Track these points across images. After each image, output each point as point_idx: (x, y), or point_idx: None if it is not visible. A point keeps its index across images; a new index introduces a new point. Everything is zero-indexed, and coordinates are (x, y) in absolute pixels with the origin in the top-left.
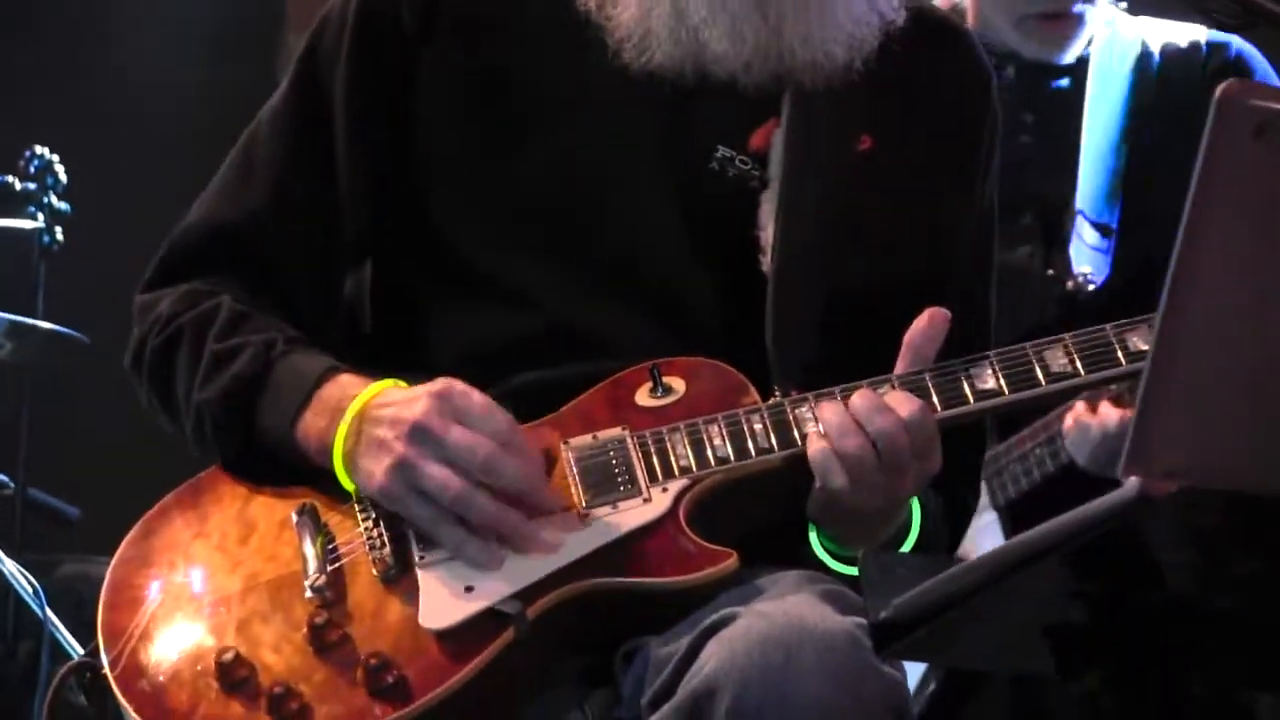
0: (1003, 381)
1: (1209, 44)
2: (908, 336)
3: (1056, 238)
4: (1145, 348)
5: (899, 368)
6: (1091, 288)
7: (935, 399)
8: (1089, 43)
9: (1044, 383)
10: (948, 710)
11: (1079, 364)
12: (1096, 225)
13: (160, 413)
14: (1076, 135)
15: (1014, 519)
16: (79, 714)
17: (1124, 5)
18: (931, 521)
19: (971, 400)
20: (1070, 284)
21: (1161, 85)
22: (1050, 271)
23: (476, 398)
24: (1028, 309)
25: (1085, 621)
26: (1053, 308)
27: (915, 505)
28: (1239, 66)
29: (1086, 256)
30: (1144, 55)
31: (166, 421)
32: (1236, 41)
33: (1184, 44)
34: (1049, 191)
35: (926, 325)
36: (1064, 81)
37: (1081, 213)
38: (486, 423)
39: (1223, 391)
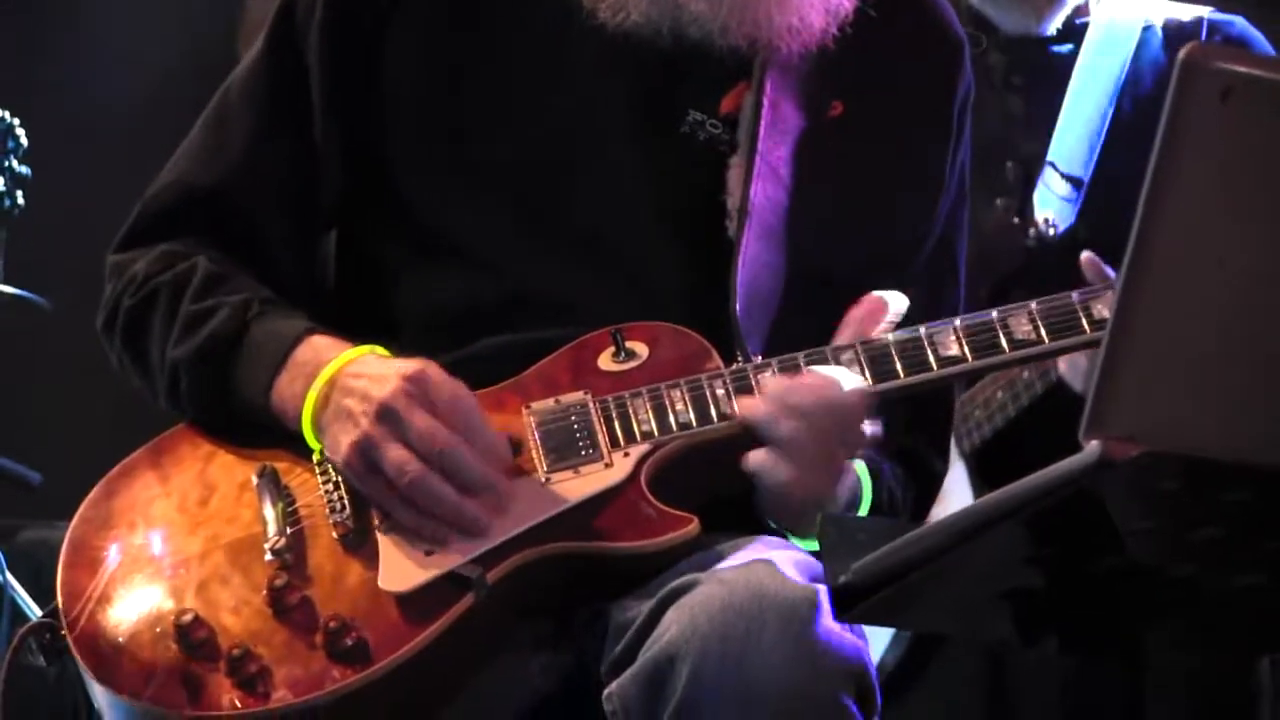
0: (966, 349)
1: (1210, 21)
2: (849, 313)
3: (1031, 192)
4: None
5: (836, 342)
6: (1053, 233)
7: (898, 365)
8: (1077, 10)
9: (1008, 350)
10: (915, 672)
11: (1043, 331)
12: (1067, 177)
13: (132, 373)
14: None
15: (980, 466)
16: (38, 675)
17: None
18: (886, 491)
19: (935, 367)
20: (1033, 231)
21: (1161, 56)
22: (1017, 220)
23: (447, 388)
24: (999, 260)
25: (1043, 586)
26: (1019, 256)
27: (865, 475)
28: (1240, 46)
29: (1053, 205)
30: (1146, 28)
31: (139, 383)
32: (1240, 22)
33: (1187, 19)
34: (1033, 152)
35: (869, 306)
36: (1063, 48)
37: (1052, 164)
38: (452, 413)
39: (1184, 356)
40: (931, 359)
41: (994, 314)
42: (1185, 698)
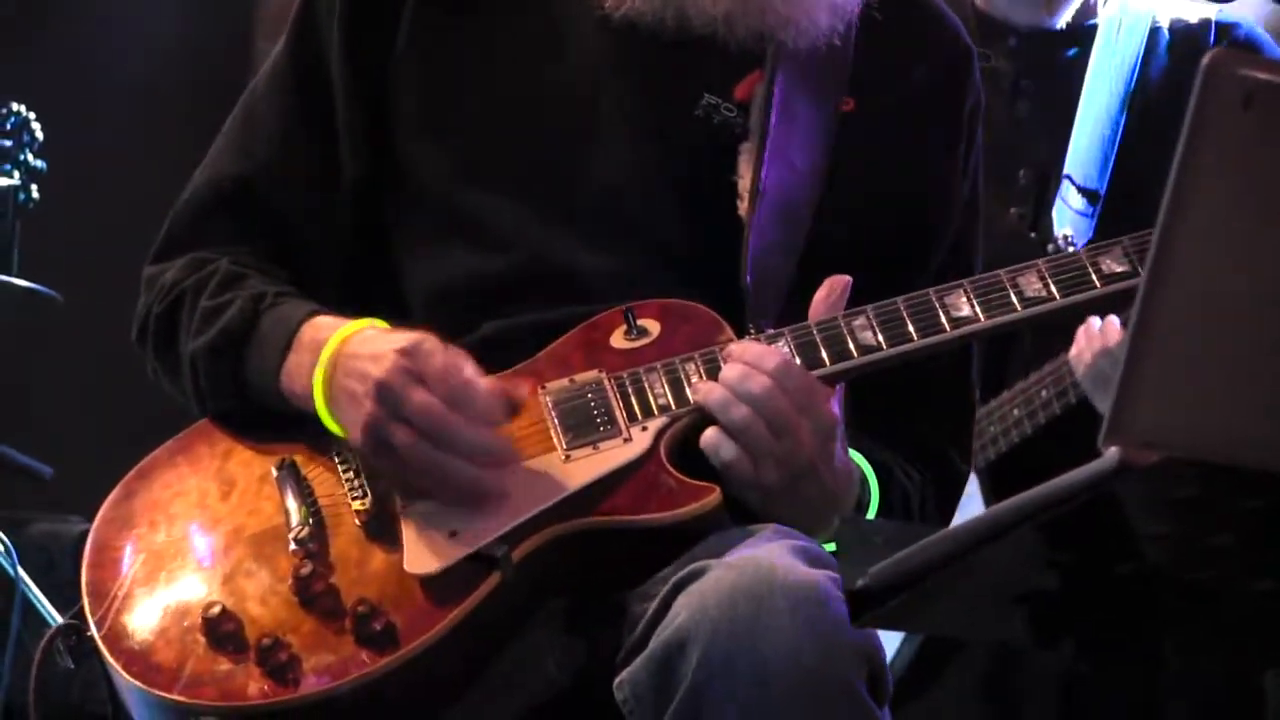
0: (978, 308)
1: (1218, 23)
2: (810, 310)
3: (1045, 202)
4: (1120, 269)
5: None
6: (1072, 250)
7: (911, 327)
8: (1083, 11)
9: (1019, 308)
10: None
11: (1053, 288)
12: (1083, 191)
13: (165, 381)
14: (1077, 103)
15: (994, 481)
16: (62, 678)
17: None
18: (898, 495)
19: (949, 328)
20: (1051, 246)
21: (1168, 60)
22: (1034, 234)
23: (438, 358)
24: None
25: (1060, 591)
26: None
27: (873, 481)
28: (1247, 47)
29: (1069, 220)
30: (1153, 30)
31: (172, 389)
32: (1247, 22)
33: (1193, 20)
34: (1045, 157)
35: (825, 295)
36: (1071, 51)
37: (1069, 177)
38: (444, 384)
39: (1205, 362)
40: (944, 320)
41: (1002, 273)
42: (1198, 704)
